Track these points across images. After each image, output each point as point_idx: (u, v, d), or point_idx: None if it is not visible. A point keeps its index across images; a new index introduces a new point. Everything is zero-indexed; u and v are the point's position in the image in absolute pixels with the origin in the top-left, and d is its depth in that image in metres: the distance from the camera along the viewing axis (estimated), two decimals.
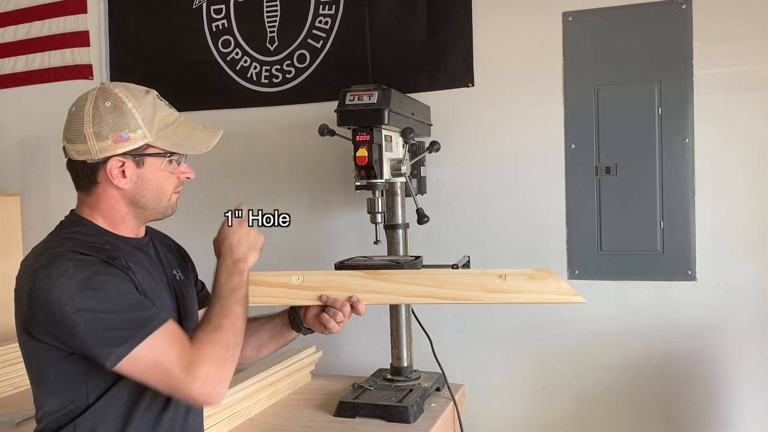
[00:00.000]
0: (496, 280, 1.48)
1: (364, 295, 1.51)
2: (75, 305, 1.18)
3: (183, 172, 1.40)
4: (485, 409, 2.34)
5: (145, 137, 1.30)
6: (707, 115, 2.10)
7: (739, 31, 2.07)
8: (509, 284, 1.48)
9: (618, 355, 2.22)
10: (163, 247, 1.51)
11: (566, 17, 2.23)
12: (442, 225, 2.34)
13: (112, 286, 1.22)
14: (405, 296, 1.54)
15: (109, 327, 1.19)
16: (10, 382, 2.23)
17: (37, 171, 2.97)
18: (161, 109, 1.34)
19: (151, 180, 1.34)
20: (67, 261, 1.22)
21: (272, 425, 1.84)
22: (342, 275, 1.56)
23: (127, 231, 1.38)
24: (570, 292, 1.46)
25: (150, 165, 1.33)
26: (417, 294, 1.52)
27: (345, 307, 1.51)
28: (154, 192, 1.35)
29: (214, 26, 2.67)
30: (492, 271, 1.49)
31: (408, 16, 2.41)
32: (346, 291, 1.52)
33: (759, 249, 2.09)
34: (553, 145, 2.26)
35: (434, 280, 1.52)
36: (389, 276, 1.55)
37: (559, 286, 1.47)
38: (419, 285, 1.52)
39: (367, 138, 1.86)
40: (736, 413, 2.12)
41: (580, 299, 1.44)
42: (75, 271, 1.20)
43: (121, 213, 1.35)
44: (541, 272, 1.48)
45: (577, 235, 2.25)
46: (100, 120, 1.28)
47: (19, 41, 3.00)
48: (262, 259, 2.48)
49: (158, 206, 1.37)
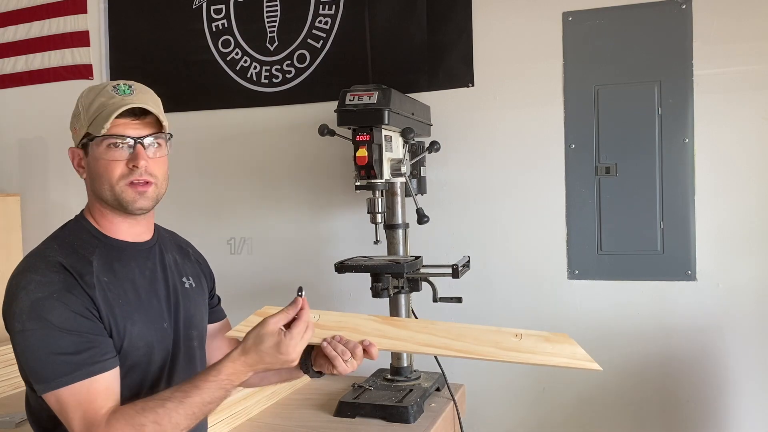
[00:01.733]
0: (512, 339, 1.45)
1: (377, 339, 1.45)
2: (20, 324, 1.22)
3: (131, 160, 1.31)
4: (485, 409, 2.34)
5: (83, 126, 1.32)
6: (707, 115, 2.10)
7: (739, 31, 2.07)
8: (525, 344, 1.45)
9: (618, 355, 2.22)
10: (176, 253, 1.50)
11: (566, 17, 2.23)
12: (442, 225, 2.34)
13: (58, 315, 1.22)
14: (418, 345, 1.49)
15: (38, 362, 1.22)
16: (10, 382, 2.24)
17: (37, 171, 2.97)
18: (103, 95, 1.32)
19: (95, 168, 1.33)
20: (33, 274, 1.25)
21: (272, 425, 1.84)
22: (357, 318, 1.50)
23: (122, 233, 1.37)
24: (586, 358, 1.43)
25: (91, 153, 1.33)
26: (430, 344, 1.48)
27: (357, 349, 1.40)
28: (100, 180, 1.32)
29: (214, 26, 2.67)
30: (507, 329, 1.46)
31: (408, 16, 2.41)
32: (360, 334, 1.46)
33: (759, 249, 2.09)
34: (553, 145, 2.26)
35: (449, 332, 1.48)
36: (405, 323, 1.54)
37: (575, 351, 1.44)
38: (433, 335, 1.48)
39: (367, 138, 1.86)
40: (736, 413, 2.12)
41: (596, 366, 1.41)
42: (35, 288, 1.23)
43: (97, 207, 1.37)
44: (556, 336, 1.45)
45: (577, 235, 2.25)
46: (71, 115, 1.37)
47: (19, 41, 3.00)
48: (263, 259, 2.49)
49: (112, 196, 1.32)
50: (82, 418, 1.20)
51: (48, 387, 1.21)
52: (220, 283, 1.75)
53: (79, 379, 1.21)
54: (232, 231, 2.66)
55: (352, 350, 1.40)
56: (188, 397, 1.22)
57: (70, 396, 1.21)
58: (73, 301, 1.24)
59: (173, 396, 1.22)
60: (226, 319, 1.67)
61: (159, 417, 1.20)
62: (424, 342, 1.48)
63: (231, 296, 1.79)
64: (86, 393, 1.22)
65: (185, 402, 1.22)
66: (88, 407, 1.21)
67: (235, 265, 2.60)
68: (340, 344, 1.39)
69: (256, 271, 2.60)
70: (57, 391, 1.21)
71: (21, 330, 1.22)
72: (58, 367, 1.21)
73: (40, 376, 1.22)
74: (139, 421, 1.20)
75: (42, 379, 1.22)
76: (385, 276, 1.91)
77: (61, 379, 1.21)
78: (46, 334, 1.21)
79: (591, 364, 1.41)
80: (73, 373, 1.21)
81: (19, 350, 1.24)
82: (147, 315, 1.35)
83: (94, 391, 1.22)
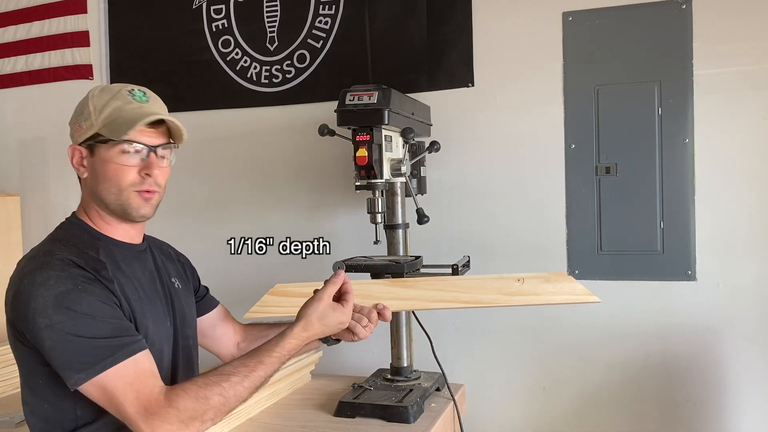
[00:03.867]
0: (515, 284, 1.52)
1: (389, 302, 1.53)
2: (47, 319, 1.18)
3: (143, 168, 1.33)
4: (485, 409, 2.34)
5: (93, 126, 1.31)
6: (707, 115, 2.10)
7: (739, 31, 2.07)
8: (527, 287, 1.52)
9: (618, 355, 2.22)
10: (162, 256, 1.51)
11: (566, 17, 2.23)
12: (442, 225, 2.34)
13: (87, 305, 1.20)
14: (429, 302, 1.56)
15: (73, 351, 1.18)
16: (10, 382, 2.23)
17: (37, 171, 2.97)
18: (119, 99, 1.32)
19: (101, 170, 1.32)
20: (50, 270, 1.21)
21: (272, 425, 1.84)
22: (367, 284, 1.58)
23: (117, 234, 1.37)
24: (585, 292, 1.51)
25: (98, 154, 1.32)
26: (440, 299, 1.55)
27: (372, 314, 1.50)
28: (107, 183, 1.32)
29: (214, 26, 2.67)
30: (509, 275, 1.53)
31: (408, 16, 2.41)
32: (372, 299, 1.53)
33: (759, 249, 2.09)
34: (553, 145, 2.26)
35: (456, 286, 1.56)
36: (413, 283, 1.59)
37: (575, 287, 1.51)
38: (442, 291, 1.56)
39: (367, 138, 1.86)
40: (736, 413, 2.12)
41: (595, 299, 1.49)
42: (55, 282, 1.20)
43: (95, 209, 1.36)
44: (556, 275, 1.53)
45: (577, 235, 2.25)
46: (74, 112, 1.35)
47: (19, 41, 3.00)
48: (264, 258, 2.50)
49: (116, 201, 1.33)
50: (136, 398, 1.18)
51: (90, 374, 1.17)
52: (220, 283, 1.76)
53: (121, 359, 1.19)
54: (232, 231, 2.66)
55: (368, 315, 1.50)
56: (253, 372, 1.27)
57: (118, 378, 1.18)
58: (98, 292, 1.23)
59: (237, 371, 1.26)
60: (221, 304, 1.69)
61: (224, 390, 1.23)
62: (434, 298, 1.56)
63: (231, 296, 1.79)
64: (133, 373, 1.20)
65: (250, 376, 1.27)
66: (141, 386, 1.19)
67: (235, 265, 2.60)
68: (356, 312, 1.48)
69: (256, 271, 2.60)
70: (101, 377, 1.17)
71: (49, 325, 1.17)
72: (99, 351, 1.18)
73: (80, 365, 1.17)
74: (203, 394, 1.21)
75: (82, 367, 1.17)
76: (385, 276, 1.91)
77: (104, 362, 1.17)
78: (79, 323, 1.18)
79: (590, 297, 1.49)
80: (114, 355, 1.18)
81: (48, 345, 1.18)
82: (155, 313, 1.37)
83: (140, 370, 1.21)
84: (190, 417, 1.19)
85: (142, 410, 1.17)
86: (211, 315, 1.65)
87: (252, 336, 1.71)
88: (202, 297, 1.64)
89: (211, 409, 1.21)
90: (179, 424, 1.18)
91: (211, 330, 1.65)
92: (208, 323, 1.64)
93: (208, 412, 1.21)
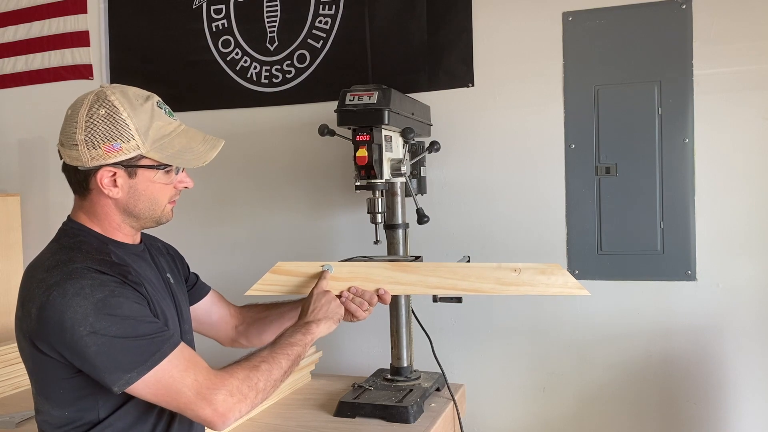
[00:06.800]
0: (512, 274, 1.58)
1: (389, 286, 1.61)
2: (89, 327, 1.17)
3: (180, 182, 1.38)
4: (485, 409, 2.34)
5: (139, 148, 1.27)
6: (707, 115, 2.10)
7: (739, 31, 2.07)
8: (523, 278, 1.58)
9: (618, 355, 2.22)
10: (155, 251, 1.50)
11: (566, 17, 2.23)
12: (442, 225, 2.34)
13: (127, 308, 1.21)
14: (428, 287, 1.63)
15: (121, 352, 1.18)
16: (10, 382, 2.23)
17: (37, 171, 2.97)
18: (159, 118, 1.30)
19: (144, 191, 1.31)
20: (82, 279, 1.20)
21: (272, 425, 1.84)
22: (368, 266, 1.64)
23: (124, 237, 1.37)
24: (576, 286, 1.57)
25: (143, 176, 1.30)
26: (439, 285, 1.62)
27: (373, 299, 1.60)
28: (147, 202, 1.33)
29: (214, 26, 2.67)
30: (507, 265, 1.59)
31: (408, 16, 2.41)
32: (372, 282, 1.61)
33: (759, 249, 2.09)
34: (553, 145, 2.26)
35: (455, 273, 1.62)
36: (413, 268, 1.64)
37: (567, 281, 1.58)
38: (441, 277, 1.62)
39: (367, 138, 1.86)
40: (737, 413, 2.12)
41: (585, 292, 1.56)
42: (91, 291, 1.19)
43: (117, 221, 1.34)
44: (551, 267, 1.59)
45: (577, 235, 2.25)
46: (92, 128, 1.26)
47: (19, 41, 3.00)
48: (263, 259, 2.49)
49: (152, 215, 1.35)
50: (195, 381, 1.22)
51: (142, 371, 1.19)
52: (220, 284, 1.76)
53: (172, 349, 1.22)
54: (232, 231, 2.66)
55: (369, 300, 1.59)
56: (288, 357, 1.37)
57: (172, 367, 1.21)
58: (131, 296, 1.24)
59: (265, 349, 1.37)
60: (213, 289, 1.70)
61: (269, 357, 1.34)
62: (434, 285, 1.62)
63: (231, 296, 1.79)
64: (184, 360, 1.23)
65: (290, 357, 1.38)
66: (197, 369, 1.24)
67: (236, 265, 2.60)
68: (357, 297, 1.59)
69: (256, 271, 2.60)
70: (155, 371, 1.19)
71: (92, 331, 1.17)
72: (146, 349, 1.20)
73: (130, 364, 1.18)
74: (253, 363, 1.31)
75: (132, 366, 1.18)
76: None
77: (154, 357, 1.19)
78: (122, 325, 1.19)
79: (580, 291, 1.57)
80: (162, 349, 1.21)
81: (94, 350, 1.17)
82: (169, 310, 1.37)
83: (188, 357, 1.25)
84: (242, 393, 1.26)
85: (204, 390, 1.22)
86: (205, 301, 1.66)
87: (249, 318, 1.72)
88: (193, 285, 1.63)
89: (261, 382, 1.30)
90: (239, 396, 1.25)
91: (207, 316, 1.66)
92: (203, 310, 1.65)
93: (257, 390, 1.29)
